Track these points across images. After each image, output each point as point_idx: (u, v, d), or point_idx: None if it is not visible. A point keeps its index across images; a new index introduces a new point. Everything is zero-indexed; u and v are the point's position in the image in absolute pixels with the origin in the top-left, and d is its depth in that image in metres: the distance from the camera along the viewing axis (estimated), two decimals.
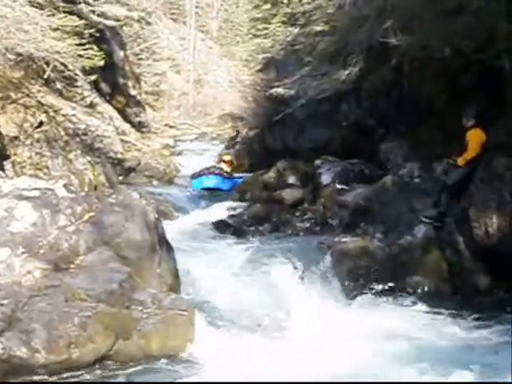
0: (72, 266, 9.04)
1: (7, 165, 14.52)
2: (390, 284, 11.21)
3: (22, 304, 7.91)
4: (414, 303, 10.85)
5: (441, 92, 14.55)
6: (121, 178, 19.69)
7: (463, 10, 12.12)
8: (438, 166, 12.95)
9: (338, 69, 16.61)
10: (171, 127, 39.29)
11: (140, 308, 8.56)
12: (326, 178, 16.20)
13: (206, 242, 13.49)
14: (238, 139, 29.02)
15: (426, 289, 11.32)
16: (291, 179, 17.63)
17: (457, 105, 12.51)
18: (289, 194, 16.73)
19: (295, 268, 11.70)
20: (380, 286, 11.12)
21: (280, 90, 18.66)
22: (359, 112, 18.61)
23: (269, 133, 23.89)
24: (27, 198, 9.54)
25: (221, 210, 16.95)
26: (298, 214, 15.67)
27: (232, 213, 16.48)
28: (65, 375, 7.61)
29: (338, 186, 15.60)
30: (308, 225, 14.95)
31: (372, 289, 11.10)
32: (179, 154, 30.19)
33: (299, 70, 18.41)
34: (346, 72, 16.14)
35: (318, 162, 16.95)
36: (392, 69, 15.88)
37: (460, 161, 11.69)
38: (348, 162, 16.84)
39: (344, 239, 12.54)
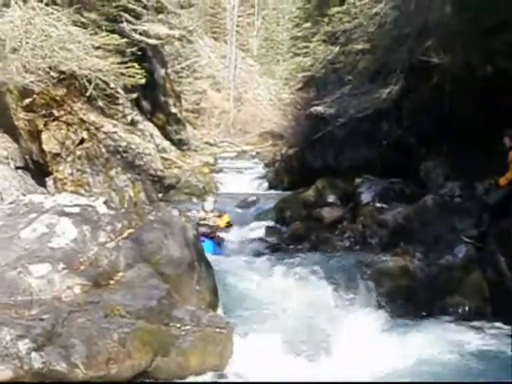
0: (111, 282, 9.10)
1: (49, 181, 14.70)
2: (430, 304, 11.08)
3: (62, 319, 7.96)
4: (455, 324, 10.71)
5: (482, 111, 14.42)
6: (161, 195, 19.82)
7: (505, 28, 12.03)
8: (480, 186, 12.84)
9: (379, 87, 16.57)
10: (211, 145, 39.51)
11: (178, 325, 8.58)
12: (365, 197, 16.11)
13: (245, 259, 13.47)
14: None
15: (466, 309, 11.19)
16: (331, 197, 17.58)
17: (498, 124, 12.37)
18: (328, 213, 16.67)
19: (335, 287, 11.62)
20: (420, 306, 11.00)
21: (320, 109, 18.67)
22: (399, 131, 18.51)
23: (308, 151, 23.88)
24: (68, 214, 9.64)
25: (260, 228, 16.94)
26: (337, 232, 15.62)
27: (271, 231, 16.46)
28: None
29: (378, 205, 15.50)
30: (347, 243, 14.90)
31: (412, 309, 10.98)
32: (219, 171, 30.28)
33: (339, 89, 18.41)
34: (387, 90, 16.09)
35: (357, 180, 16.89)
36: (433, 87, 15.78)
37: (502, 181, 11.57)
38: (388, 180, 16.74)
39: (383, 258, 12.47)
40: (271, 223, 17.57)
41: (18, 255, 8.95)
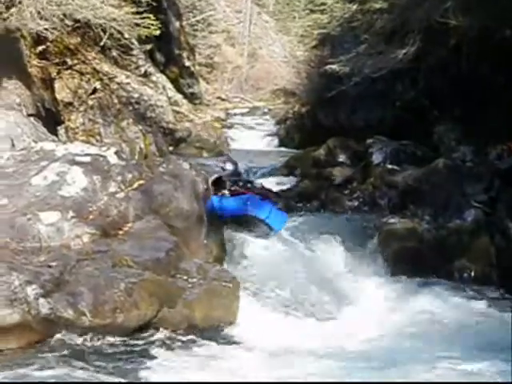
0: (120, 232, 9.15)
1: (60, 130, 14.65)
2: (437, 267, 11.10)
3: (70, 267, 8.03)
4: (460, 287, 10.75)
5: (499, 75, 14.26)
6: (171, 148, 19.72)
7: None
8: (492, 151, 12.76)
9: (395, 48, 16.36)
10: (223, 100, 39.30)
11: (185, 277, 8.65)
12: (376, 158, 16.02)
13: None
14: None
15: (472, 273, 11.21)
16: (341, 157, 17.47)
17: None
18: (338, 172, 16.59)
19: (342, 246, 11.65)
20: (427, 268, 11.03)
21: (334, 67, 18.45)
22: (414, 92, 18.34)
23: (320, 110, 23.73)
24: (79, 163, 9.65)
25: (269, 185, 16.91)
26: (346, 192, 15.56)
27: (280, 188, 16.43)
28: (109, 339, 7.72)
29: (389, 166, 15.43)
30: (356, 204, 14.88)
31: (418, 270, 11.01)
32: (230, 127, 30.18)
33: (355, 48, 18.18)
34: (403, 51, 15.89)
35: (369, 141, 16.78)
36: (450, 49, 15.61)
37: None
38: (400, 142, 16.64)
39: (392, 220, 12.46)
40: (281, 180, 17.52)
41: (28, 202, 8.99)
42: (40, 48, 14.71)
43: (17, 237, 8.41)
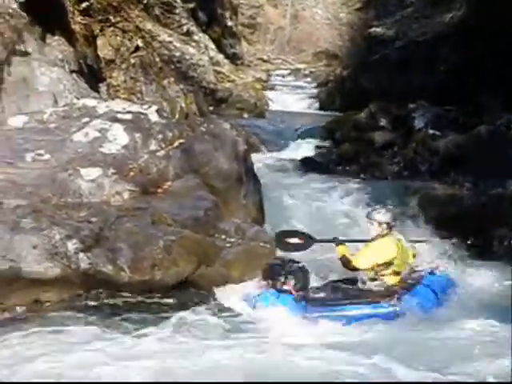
0: (159, 190, 9.18)
1: (102, 87, 14.68)
2: (476, 234, 10.99)
3: (110, 223, 8.08)
4: (499, 256, 10.63)
5: None
6: (212, 108, 19.73)
7: None
8: None
9: (441, 12, 16.13)
10: (265, 61, 39.11)
11: (224, 237, 8.67)
12: (418, 123, 15.86)
13: (292, 177, 13.46)
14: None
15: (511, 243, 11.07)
16: (383, 121, 17.30)
17: None
18: (379, 136, 16.46)
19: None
20: (466, 235, 10.91)
21: (379, 30, 18.29)
22: (458, 58, 18.05)
23: (363, 73, 23.47)
24: (120, 121, 9.70)
25: (309, 147, 16.87)
26: (387, 157, 15.47)
27: (320, 151, 16.37)
28: (146, 295, 7.79)
29: (431, 132, 15.27)
30: (397, 169, 14.78)
31: (457, 237, 10.90)
32: (271, 88, 30.05)
33: (400, 11, 17.96)
34: (449, 15, 15.65)
35: (411, 105, 16.60)
36: (497, 15, 15.29)
37: None
38: (442, 108, 16.43)
39: (433, 185, 12.35)
40: (321, 143, 17.45)
41: (70, 158, 9.06)
42: (83, 5, 14.71)
43: (58, 192, 8.49)
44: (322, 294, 7.98)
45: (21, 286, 7.39)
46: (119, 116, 9.81)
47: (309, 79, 35.22)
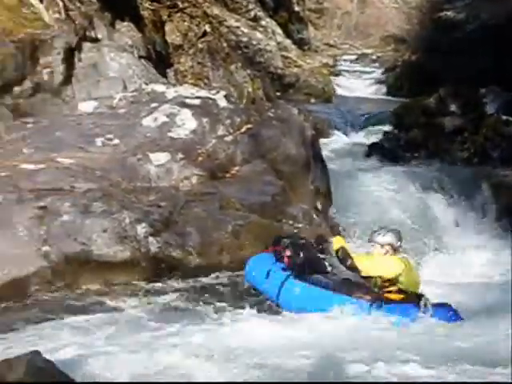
0: (227, 175, 9.22)
1: (170, 72, 14.77)
2: None
3: (179, 207, 8.15)
4: None
5: None
6: (279, 93, 19.67)
7: None
8: None
9: None
10: (331, 46, 38.77)
11: (291, 222, 8.65)
12: (490, 108, 15.49)
13: (360, 163, 13.36)
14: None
15: None
16: (453, 107, 16.93)
17: None
18: (449, 122, 16.12)
19: (450, 197, 11.41)
20: None
21: (449, 14, 17.93)
22: None
23: (432, 58, 23.07)
24: (189, 106, 9.75)
25: (377, 133, 16.68)
26: (456, 142, 15.16)
27: (388, 136, 16.17)
28: (213, 278, 7.82)
29: (503, 117, 14.90)
30: (467, 154, 14.49)
31: None
32: (338, 74, 29.82)
33: None
34: None
35: (483, 90, 16.23)
36: None
37: None
38: None
39: (504, 172, 12.08)
40: (388, 129, 17.23)
41: (139, 143, 9.16)
42: None
43: (127, 176, 8.59)
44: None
45: (91, 269, 7.51)
46: (187, 101, 9.87)
47: (376, 64, 34.78)
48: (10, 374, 3.79)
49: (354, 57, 38.02)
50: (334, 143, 15.25)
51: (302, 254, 7.23)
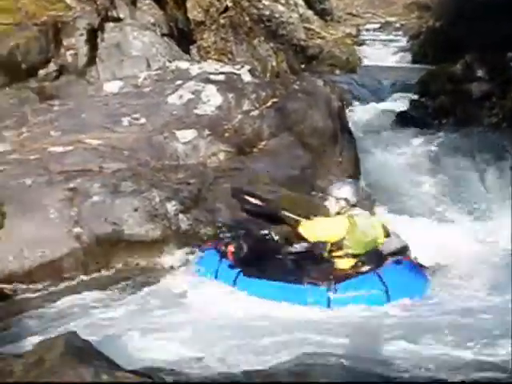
0: (255, 150, 9.20)
1: (193, 49, 14.74)
2: None
3: (208, 184, 8.16)
4: None
5: None
6: (303, 65, 19.53)
7: None
8: None
9: None
10: (354, 16, 38.42)
11: (321, 195, 8.60)
12: None
13: (388, 132, 13.20)
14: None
15: None
16: (479, 72, 16.70)
17: None
18: (476, 88, 15.91)
19: (480, 163, 11.28)
20: None
21: None
22: None
23: (457, 24, 22.77)
24: (213, 82, 9.73)
25: (403, 102, 16.51)
26: (485, 108, 14.97)
27: (415, 105, 16.01)
28: None
29: None
30: (495, 120, 14.28)
31: None
32: (362, 43, 29.55)
33: None
34: None
35: (510, 54, 15.98)
36: None
37: None
38: None
39: None
40: (415, 97, 17.05)
41: (165, 121, 9.17)
42: None
43: (155, 155, 8.61)
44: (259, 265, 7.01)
45: (122, 248, 7.56)
46: (212, 77, 9.85)
47: (400, 32, 34.42)
48: (48, 353, 3.82)
49: (377, 26, 37.64)
50: (360, 113, 15.08)
51: (245, 248, 7.04)
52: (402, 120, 14.66)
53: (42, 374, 3.68)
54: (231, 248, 7.09)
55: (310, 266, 6.78)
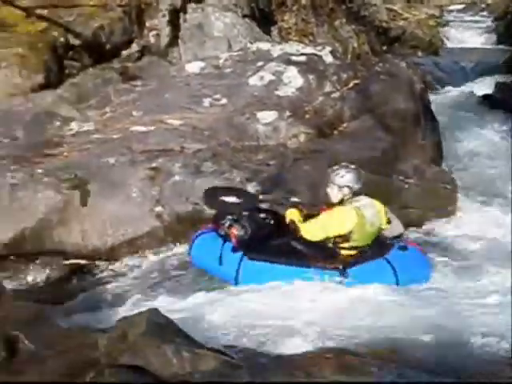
0: (335, 132, 9.13)
1: (274, 30, 14.68)
2: None
3: (288, 165, 8.14)
4: None
5: None
6: (385, 47, 19.27)
7: None
8: None
9: None
10: None
11: (402, 178, 8.51)
12: None
13: (472, 116, 12.89)
14: None
15: None
16: None
17: None
18: None
19: None
20: None
21: None
22: None
23: None
24: (295, 63, 9.70)
25: (489, 84, 16.13)
26: None
27: (501, 87, 15.60)
28: None
29: None
30: None
31: None
32: (445, 24, 28.97)
33: None
34: None
35: None
36: None
37: None
38: None
39: None
40: (501, 79, 16.61)
41: (246, 102, 9.18)
42: None
43: (236, 136, 8.64)
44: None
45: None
46: (293, 58, 9.81)
47: (485, 13, 33.60)
48: (131, 330, 3.89)
49: (461, 6, 36.81)
50: (443, 96, 14.78)
51: (248, 230, 6.73)
52: (487, 102, 14.31)
53: (125, 350, 3.74)
54: (234, 231, 6.75)
55: (319, 251, 6.63)
